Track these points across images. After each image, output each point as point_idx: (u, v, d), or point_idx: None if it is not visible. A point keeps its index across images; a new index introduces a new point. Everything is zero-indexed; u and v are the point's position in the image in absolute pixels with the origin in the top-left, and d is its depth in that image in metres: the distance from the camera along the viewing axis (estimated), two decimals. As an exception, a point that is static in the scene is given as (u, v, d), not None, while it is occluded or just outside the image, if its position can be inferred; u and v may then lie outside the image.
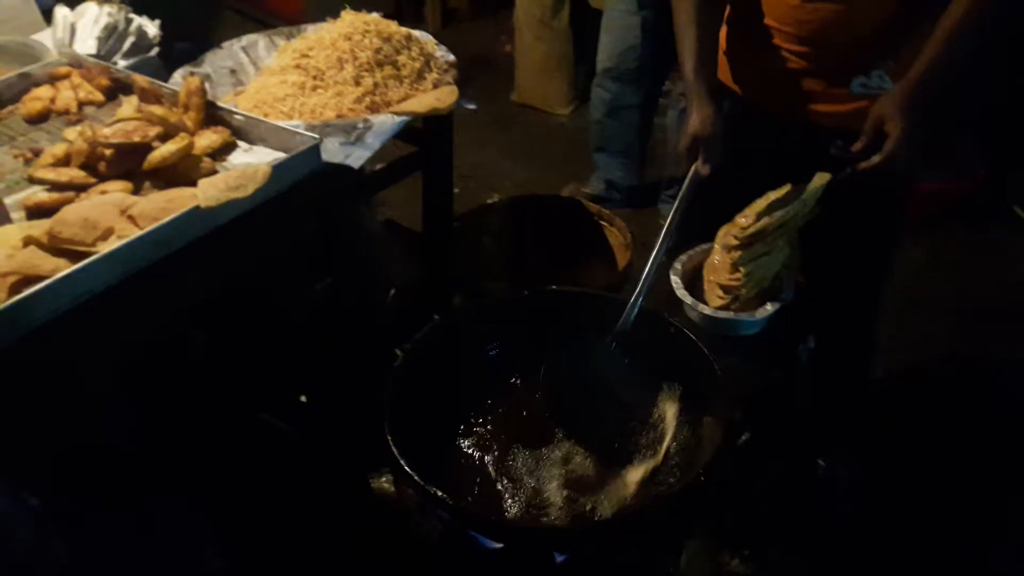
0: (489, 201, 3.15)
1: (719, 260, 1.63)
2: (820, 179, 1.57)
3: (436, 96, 1.72)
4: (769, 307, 1.58)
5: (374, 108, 1.74)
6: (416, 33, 1.94)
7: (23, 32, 2.12)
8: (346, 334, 1.78)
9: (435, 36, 1.99)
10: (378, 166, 1.88)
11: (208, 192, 1.29)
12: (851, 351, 2.02)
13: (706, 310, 1.58)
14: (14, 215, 1.38)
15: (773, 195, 1.57)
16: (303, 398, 1.83)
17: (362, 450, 1.64)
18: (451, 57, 1.92)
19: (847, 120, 1.59)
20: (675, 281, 1.62)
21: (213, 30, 3.24)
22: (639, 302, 1.45)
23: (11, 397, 1.18)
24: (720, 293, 1.60)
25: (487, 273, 2.08)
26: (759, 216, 1.55)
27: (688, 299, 1.60)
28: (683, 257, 1.68)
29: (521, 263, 2.10)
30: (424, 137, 1.92)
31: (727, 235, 1.60)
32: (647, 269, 1.48)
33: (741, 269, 1.56)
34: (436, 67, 1.88)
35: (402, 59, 1.82)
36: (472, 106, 1.83)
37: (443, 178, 2.00)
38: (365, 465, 1.72)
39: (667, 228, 1.53)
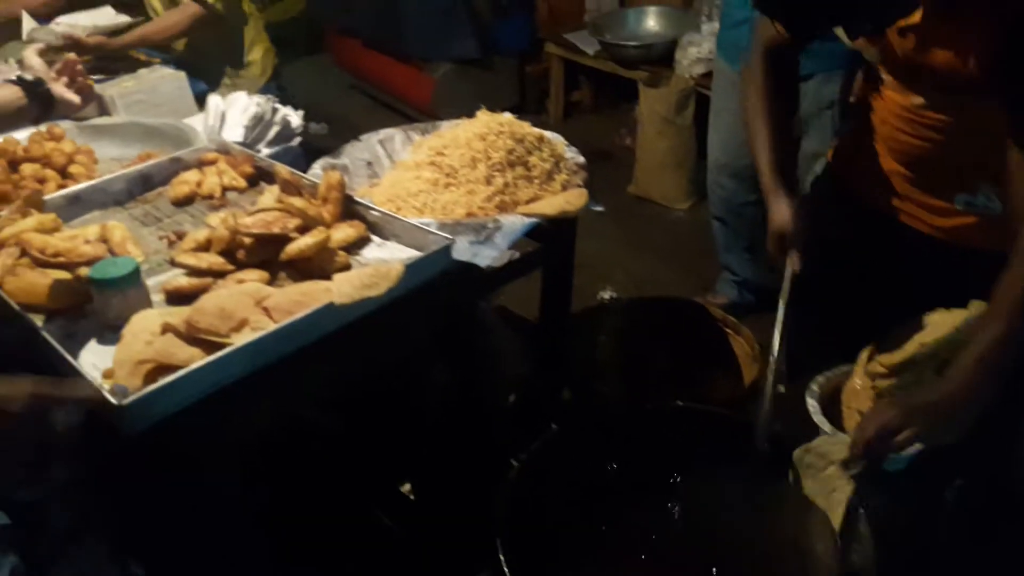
0: (602, 293, 3.11)
1: (861, 386, 1.53)
2: (976, 307, 1.45)
3: (566, 199, 1.70)
4: (917, 443, 1.45)
5: (504, 207, 1.74)
6: (547, 135, 1.95)
7: (177, 116, 2.26)
8: (461, 429, 1.75)
9: (557, 127, 2.00)
10: (501, 262, 1.87)
11: (343, 289, 1.30)
12: (1000, 492, 1.84)
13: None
14: (154, 297, 1.43)
15: (927, 320, 1.46)
16: (411, 494, 1.80)
17: (466, 554, 1.58)
18: (581, 159, 1.92)
19: (951, 234, 1.53)
20: (812, 405, 1.52)
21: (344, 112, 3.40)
22: (769, 426, 1.37)
23: (140, 482, 1.19)
24: (862, 423, 1.49)
25: (603, 374, 2.02)
26: (908, 343, 1.44)
27: (827, 427, 1.49)
28: (820, 379, 1.58)
29: (640, 368, 2.03)
30: (547, 235, 1.90)
31: (872, 360, 1.49)
32: (767, 382, 1.41)
33: (887, 400, 1.45)
34: (566, 168, 1.88)
35: (533, 160, 1.82)
36: (600, 208, 1.81)
37: (564, 276, 1.97)
38: (468, 570, 1.66)
39: (778, 333, 1.46)
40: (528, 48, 4.71)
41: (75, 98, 1.49)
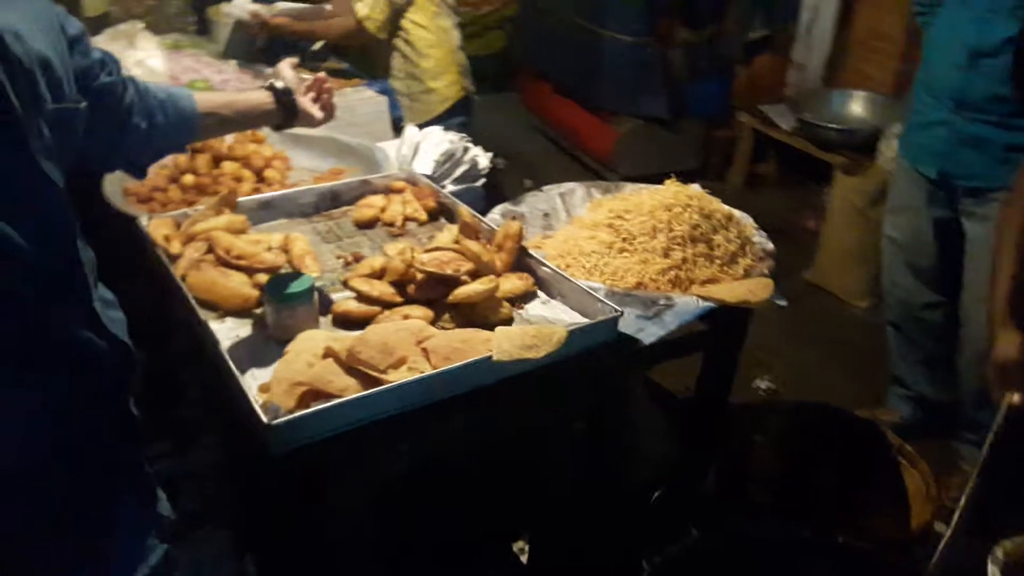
0: (758, 382, 2.93)
1: (1058, 562, 1.32)
2: None
3: (749, 288, 1.60)
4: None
5: (678, 283, 1.66)
6: (737, 214, 1.86)
7: (372, 138, 2.34)
8: (590, 501, 1.67)
9: (736, 196, 1.89)
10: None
11: (502, 345, 1.26)
12: None
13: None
14: (322, 318, 1.45)
15: None
16: (521, 553, 1.74)
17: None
18: (769, 246, 1.81)
19: None
20: (993, 573, 1.33)
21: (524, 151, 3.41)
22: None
23: (279, 501, 1.19)
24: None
25: (755, 477, 1.87)
26: None
27: (1009, 601, 1.29)
28: (1008, 544, 1.38)
29: (796, 479, 1.87)
30: (719, 319, 1.80)
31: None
32: (949, 529, 1.25)
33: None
34: (751, 253, 1.78)
35: (718, 239, 1.74)
36: (783, 303, 1.69)
37: (728, 367, 1.86)
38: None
39: (976, 475, 1.29)
40: (719, 114, 4.61)
41: (318, 113, 1.58)
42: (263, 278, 1.45)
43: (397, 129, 2.53)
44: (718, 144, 4.68)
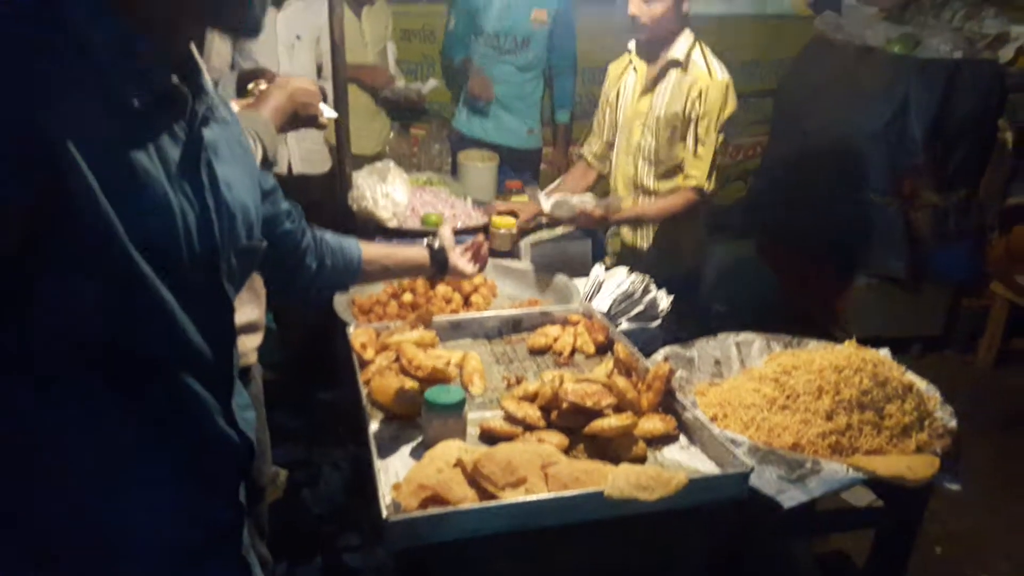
0: (974, 582, 2.58)
1: None
2: None
3: (908, 464, 1.49)
4: None
5: (837, 449, 1.59)
6: (921, 385, 1.75)
7: (572, 274, 2.49)
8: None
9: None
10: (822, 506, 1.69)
11: (617, 482, 1.30)
12: None
13: None
14: (472, 430, 1.58)
15: None
16: None
17: None
18: (952, 423, 1.67)
19: None
20: None
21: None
22: None
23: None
24: None
25: None
26: None
27: None
28: None
29: None
30: (894, 495, 1.67)
31: None
32: None
33: None
34: (930, 428, 1.65)
35: (890, 409, 1.64)
36: (956, 487, 1.53)
37: (900, 550, 1.70)
38: None
39: None
40: (969, 281, 4.25)
41: (469, 268, 1.84)
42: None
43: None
44: (968, 313, 4.30)
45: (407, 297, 2.37)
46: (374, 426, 1.56)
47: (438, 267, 1.80)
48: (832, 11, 4.75)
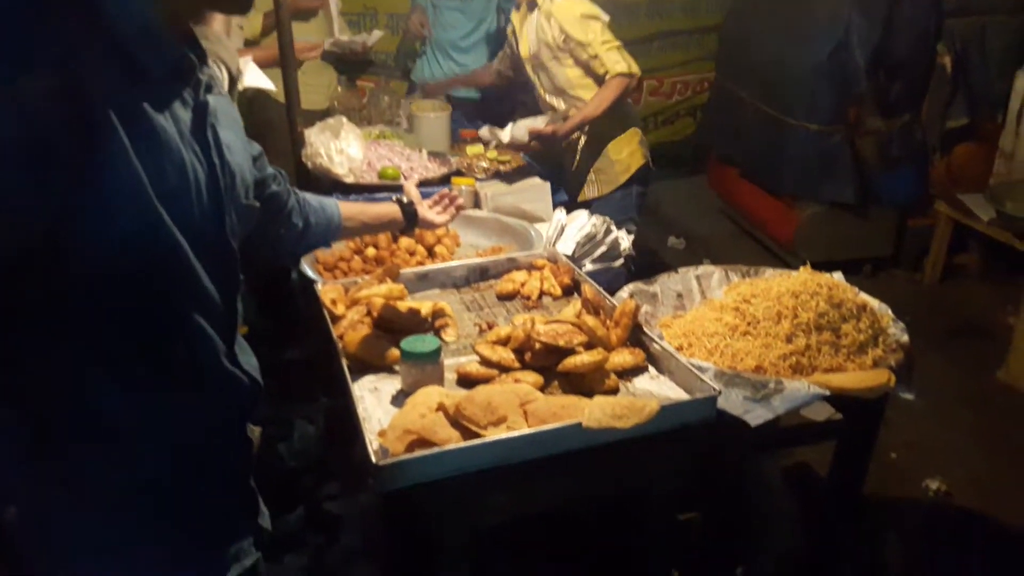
0: (928, 482, 2.73)
1: None
2: None
3: (865, 378, 1.58)
4: None
5: (798, 369, 1.67)
6: (873, 304, 1.84)
7: (533, 220, 2.53)
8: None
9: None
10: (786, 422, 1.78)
11: (594, 414, 1.36)
12: None
13: None
14: (450, 375, 1.62)
15: None
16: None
17: None
18: (904, 338, 1.76)
19: None
20: None
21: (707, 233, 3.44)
22: None
23: (380, 536, 1.35)
24: None
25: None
26: None
27: None
28: None
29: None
30: (851, 408, 1.77)
31: None
32: None
33: None
34: (884, 344, 1.74)
35: (846, 328, 1.72)
36: (910, 396, 1.64)
37: (859, 457, 1.81)
38: None
39: None
40: (914, 202, 4.40)
41: (438, 219, 1.94)
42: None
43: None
44: (913, 232, 4.45)
45: (371, 252, 2.39)
46: (352, 378, 1.60)
47: (409, 220, 1.85)
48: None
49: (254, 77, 2.57)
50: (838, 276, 1.96)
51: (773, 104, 4.45)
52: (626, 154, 3.06)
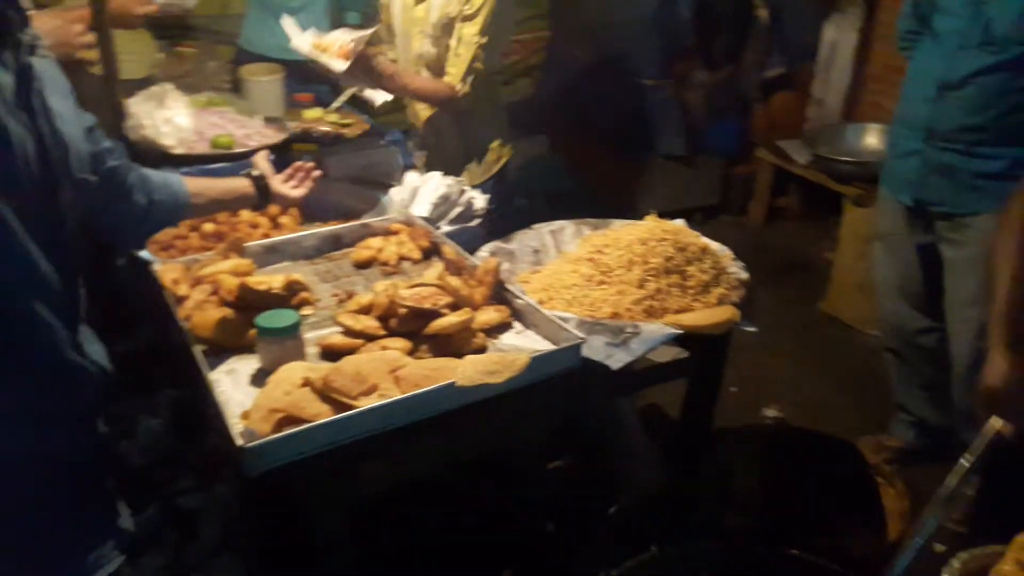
0: (766, 411, 2.96)
1: (1010, 573, 1.34)
2: None
3: (712, 315, 1.68)
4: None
5: (651, 312, 1.74)
6: (714, 246, 1.94)
7: (384, 186, 2.48)
8: (567, 528, 1.73)
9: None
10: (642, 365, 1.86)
11: (466, 372, 1.36)
12: None
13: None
14: (312, 349, 1.57)
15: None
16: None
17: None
18: (744, 275, 1.88)
19: None
20: (948, 584, 1.36)
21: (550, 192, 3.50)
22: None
23: (252, 520, 1.30)
24: (1007, 619, 1.31)
25: (731, 499, 1.92)
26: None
27: (960, 612, 1.32)
28: (965, 555, 1.40)
29: (773, 501, 1.91)
30: (697, 346, 1.87)
31: (1029, 550, 1.31)
32: (909, 548, 1.29)
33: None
34: (726, 282, 1.85)
35: (691, 270, 1.82)
36: (752, 329, 1.76)
37: (708, 392, 1.92)
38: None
39: (945, 495, 1.33)
40: (738, 151, 4.69)
41: (292, 193, 1.83)
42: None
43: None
44: (738, 180, 4.75)
45: (208, 227, 2.25)
46: (204, 361, 1.51)
47: (262, 194, 1.76)
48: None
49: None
50: (680, 223, 2.06)
51: (606, 61, 4.57)
52: (498, 142, 2.93)
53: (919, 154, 2.27)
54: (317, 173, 1.86)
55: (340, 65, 2.33)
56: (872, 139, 3.98)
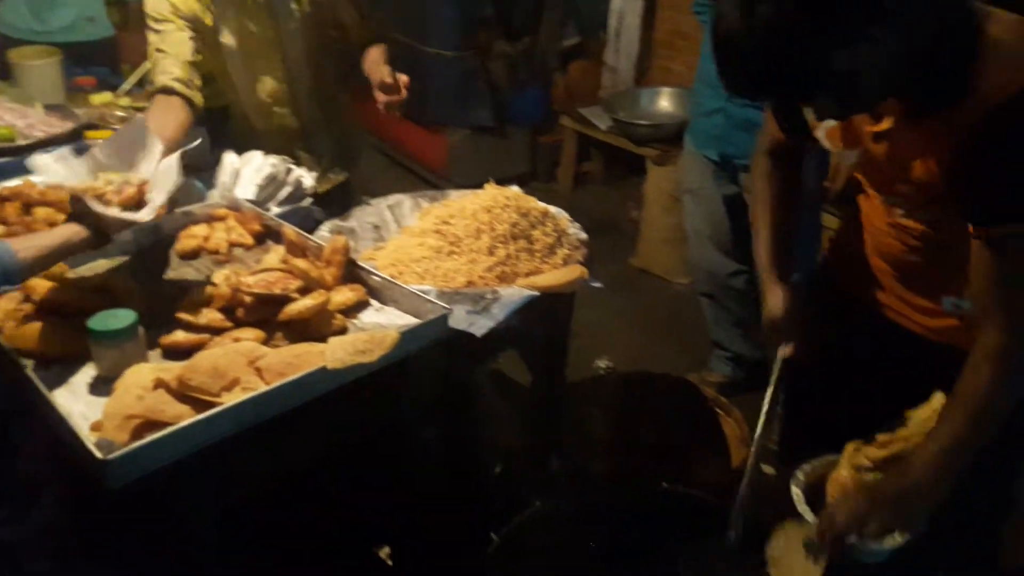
0: (598, 362, 3.11)
1: (847, 478, 1.52)
2: (938, 400, 1.45)
3: (562, 274, 1.73)
4: (898, 537, 1.43)
5: (503, 278, 1.77)
6: (553, 210, 2.00)
7: (196, 172, 2.31)
8: (446, 496, 1.74)
9: (566, 196, 2.03)
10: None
11: (336, 354, 1.32)
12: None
13: (830, 534, 1.45)
14: (152, 352, 1.45)
15: (912, 416, 1.46)
16: (389, 559, 1.79)
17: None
18: (583, 235, 1.96)
19: (939, 334, 1.52)
20: (796, 494, 1.51)
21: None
22: (744, 511, 1.38)
23: (121, 534, 1.19)
24: (846, 516, 1.48)
25: (592, 448, 2.02)
26: (894, 439, 1.44)
27: (810, 516, 1.47)
28: (807, 467, 1.57)
29: (629, 444, 2.03)
30: (545, 307, 1.93)
31: (858, 454, 1.49)
32: (746, 473, 1.42)
33: (873, 495, 1.44)
34: (568, 244, 1.91)
35: (536, 234, 1.86)
36: (598, 284, 1.84)
37: (558, 349, 1.99)
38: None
39: (763, 416, 1.48)
40: (542, 120, 4.83)
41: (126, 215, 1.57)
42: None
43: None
44: (545, 148, 4.90)
45: (-1, 230, 2.01)
46: (33, 375, 1.35)
47: (96, 231, 1.53)
48: None
49: None
50: (516, 189, 2.10)
51: (411, 35, 4.52)
52: None
53: (722, 111, 2.46)
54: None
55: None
56: (665, 102, 4.25)
